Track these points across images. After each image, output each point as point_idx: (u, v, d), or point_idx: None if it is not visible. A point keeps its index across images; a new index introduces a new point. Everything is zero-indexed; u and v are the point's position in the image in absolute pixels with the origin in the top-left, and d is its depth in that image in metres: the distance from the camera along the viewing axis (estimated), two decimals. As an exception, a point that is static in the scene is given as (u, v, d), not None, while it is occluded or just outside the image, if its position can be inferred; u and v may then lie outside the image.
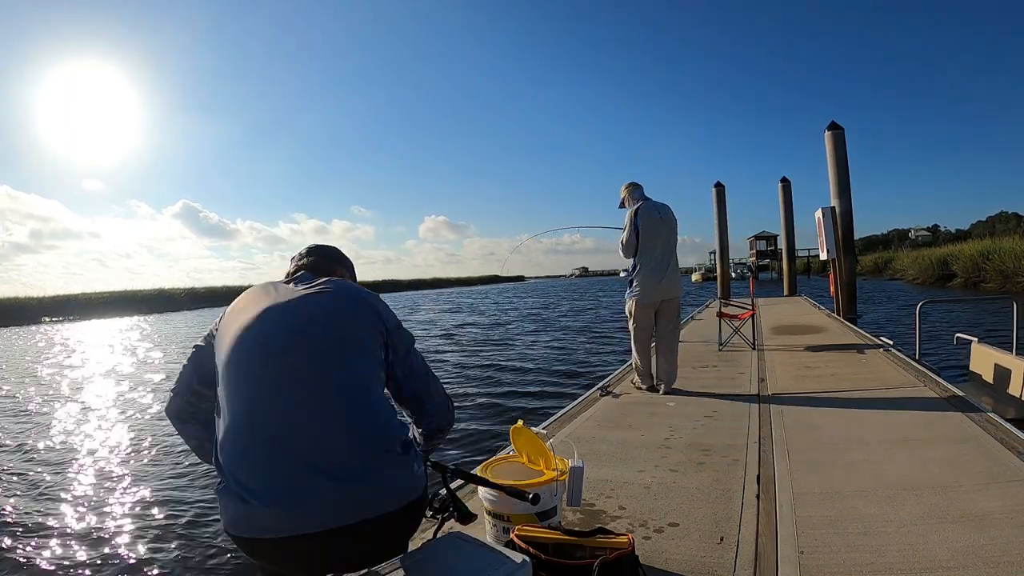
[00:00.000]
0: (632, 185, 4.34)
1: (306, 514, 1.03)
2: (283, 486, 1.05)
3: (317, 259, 1.46)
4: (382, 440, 1.13)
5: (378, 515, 1.07)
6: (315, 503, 1.04)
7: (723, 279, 16.25)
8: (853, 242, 9.92)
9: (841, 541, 1.80)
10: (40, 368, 12.25)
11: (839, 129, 9.72)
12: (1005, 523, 1.82)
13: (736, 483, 2.37)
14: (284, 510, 1.03)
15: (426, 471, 1.22)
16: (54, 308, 35.87)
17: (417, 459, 1.18)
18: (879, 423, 3.08)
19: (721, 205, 15.63)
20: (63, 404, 8.00)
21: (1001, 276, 18.39)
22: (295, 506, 1.03)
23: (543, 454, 1.93)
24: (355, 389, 1.16)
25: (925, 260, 25.44)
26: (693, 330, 8.26)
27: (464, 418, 6.02)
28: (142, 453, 5.35)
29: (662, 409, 3.72)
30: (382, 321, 1.28)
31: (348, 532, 1.05)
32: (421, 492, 1.16)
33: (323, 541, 1.04)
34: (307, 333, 1.18)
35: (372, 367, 1.23)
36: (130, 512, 3.96)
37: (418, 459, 1.19)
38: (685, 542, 1.88)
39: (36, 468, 5.06)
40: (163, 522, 3.75)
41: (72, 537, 3.59)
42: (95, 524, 3.77)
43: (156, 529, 3.66)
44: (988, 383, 4.79)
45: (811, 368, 4.83)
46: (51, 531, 3.67)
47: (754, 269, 42.25)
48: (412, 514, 1.17)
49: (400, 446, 1.14)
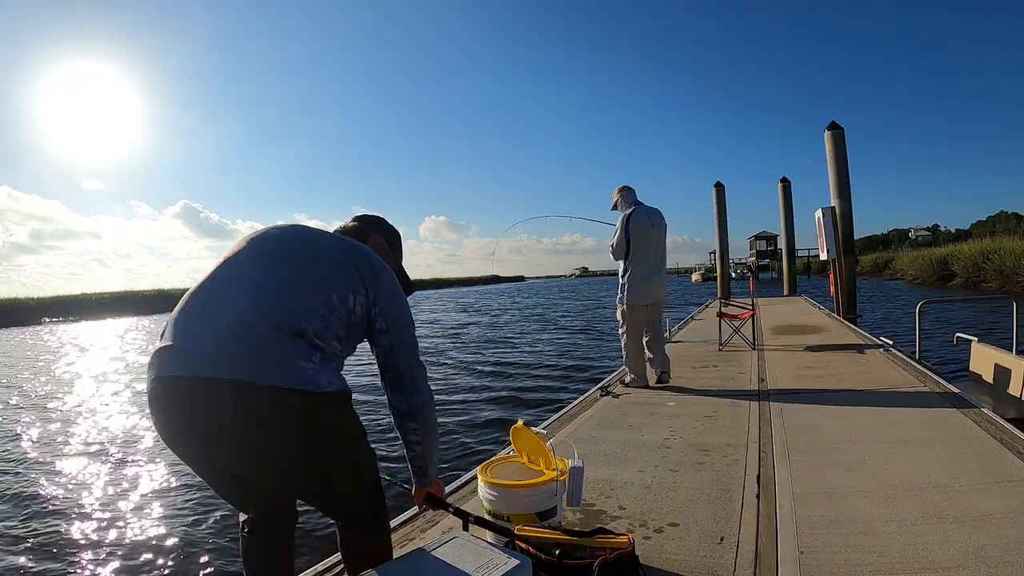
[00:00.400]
0: (625, 189, 4.42)
1: (190, 361, 1.16)
2: (185, 335, 1.21)
3: (357, 224, 1.62)
4: (285, 326, 1.19)
5: (236, 379, 1.12)
6: (199, 351, 1.16)
7: (723, 279, 16.26)
8: (853, 242, 9.91)
9: (841, 541, 1.80)
10: (51, 367, 12.26)
11: (839, 129, 9.72)
12: (1005, 523, 1.82)
13: (736, 483, 2.37)
14: (179, 357, 1.17)
15: (323, 379, 1.21)
16: (54, 309, 35.88)
17: (323, 368, 1.21)
18: (879, 423, 3.08)
19: (721, 205, 15.63)
20: (68, 404, 8.00)
21: (1001, 276, 18.38)
22: (186, 353, 1.17)
23: (543, 454, 1.93)
24: (288, 295, 1.25)
25: (925, 260, 25.42)
26: (693, 330, 8.26)
27: (465, 418, 6.02)
28: (142, 451, 5.36)
29: (662, 409, 3.73)
30: (364, 285, 1.34)
31: (217, 387, 1.12)
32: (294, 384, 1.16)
33: (194, 388, 1.13)
34: (288, 251, 1.34)
35: (321, 301, 1.27)
36: (130, 511, 3.97)
37: (319, 365, 1.21)
38: (685, 542, 1.88)
39: (36, 467, 5.07)
40: (163, 521, 3.76)
41: (73, 536, 3.59)
42: (95, 523, 3.78)
43: (156, 528, 3.66)
44: (988, 383, 4.79)
45: (811, 368, 4.83)
46: (51, 531, 3.68)
47: (754, 269, 42.26)
48: (279, 401, 1.15)
49: (303, 341, 1.20)
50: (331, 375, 1.24)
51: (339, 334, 1.29)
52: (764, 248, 51.51)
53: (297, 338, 1.20)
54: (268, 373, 1.14)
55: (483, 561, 1.22)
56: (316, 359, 1.21)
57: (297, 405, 1.16)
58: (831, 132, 9.74)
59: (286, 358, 1.17)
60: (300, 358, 1.19)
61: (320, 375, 1.20)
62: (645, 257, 4.26)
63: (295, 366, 1.17)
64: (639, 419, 3.50)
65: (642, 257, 4.25)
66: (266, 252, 1.35)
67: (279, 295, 1.24)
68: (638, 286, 4.25)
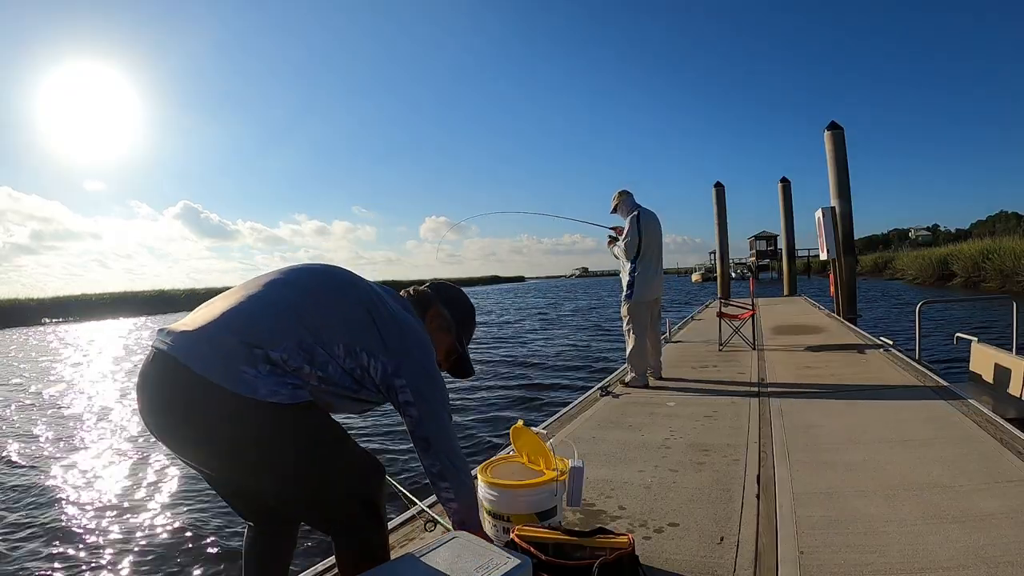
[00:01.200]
0: (625, 192, 4.63)
1: (167, 338, 1.23)
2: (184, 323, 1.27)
3: (428, 290, 1.61)
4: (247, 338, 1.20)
5: (181, 362, 1.18)
6: (176, 334, 1.23)
7: (723, 279, 16.25)
8: (853, 242, 9.91)
9: (841, 541, 1.80)
10: (56, 367, 12.25)
11: (839, 129, 9.72)
12: (1005, 523, 1.82)
13: (736, 483, 2.37)
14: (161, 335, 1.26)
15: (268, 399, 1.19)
16: (54, 309, 35.87)
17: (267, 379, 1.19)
18: (879, 423, 3.08)
19: (721, 205, 15.63)
20: (73, 402, 8.00)
21: (1001, 276, 18.38)
22: (168, 333, 1.24)
23: (543, 454, 1.93)
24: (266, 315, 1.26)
25: (925, 260, 25.42)
26: (693, 330, 8.26)
27: (466, 417, 6.02)
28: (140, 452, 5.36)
29: (662, 409, 3.73)
30: (385, 352, 1.34)
31: (171, 362, 1.19)
32: (225, 383, 1.16)
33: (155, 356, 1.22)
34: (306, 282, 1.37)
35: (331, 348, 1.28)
36: (129, 512, 3.97)
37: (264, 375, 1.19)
38: (685, 542, 1.88)
39: (37, 467, 5.07)
40: (164, 519, 3.76)
41: (72, 537, 3.59)
42: (95, 523, 3.78)
43: (157, 527, 3.67)
44: (988, 383, 4.78)
45: (811, 368, 4.83)
46: (52, 530, 3.68)
47: (754, 269, 42.27)
48: (210, 393, 1.16)
49: (258, 352, 1.19)
50: (278, 386, 1.20)
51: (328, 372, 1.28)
52: (764, 248, 51.51)
53: (253, 348, 1.19)
54: (207, 366, 1.17)
55: (483, 561, 1.22)
56: (264, 370, 1.19)
57: (225, 404, 1.16)
58: (831, 132, 9.74)
59: (231, 359, 1.18)
60: (245, 363, 1.18)
61: (260, 383, 1.18)
62: (652, 255, 4.52)
63: (236, 368, 1.17)
64: (639, 419, 3.50)
65: (650, 255, 4.51)
66: (291, 276, 1.38)
67: (261, 313, 1.26)
68: (647, 283, 4.47)
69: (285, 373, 1.22)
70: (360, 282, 1.44)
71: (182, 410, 1.20)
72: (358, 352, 1.31)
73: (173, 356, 1.19)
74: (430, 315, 1.56)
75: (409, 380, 1.36)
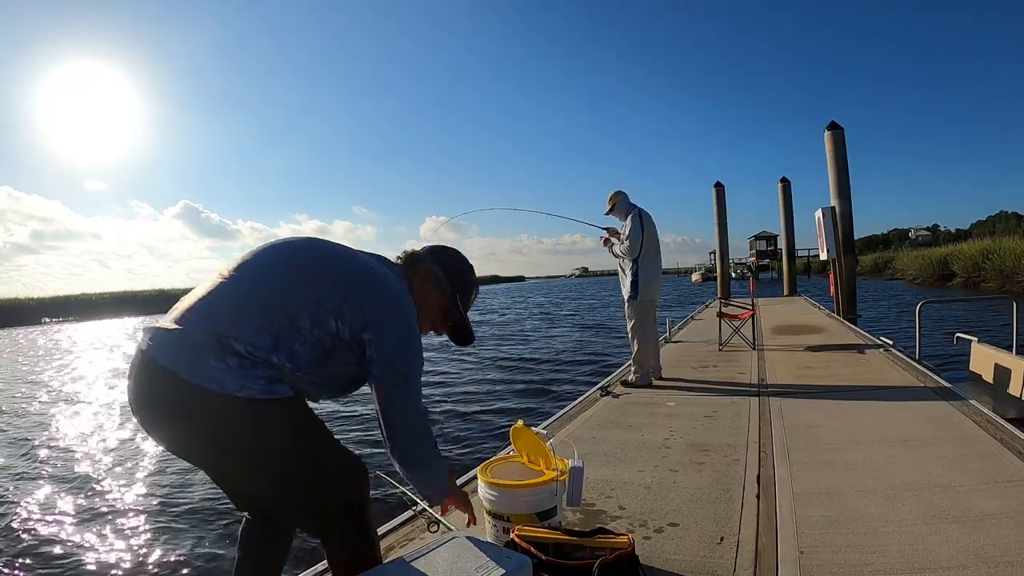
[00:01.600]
0: (621, 193, 4.63)
1: (152, 342, 1.22)
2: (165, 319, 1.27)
3: (419, 251, 1.53)
4: (212, 329, 1.19)
5: (155, 359, 1.18)
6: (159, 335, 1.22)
7: (723, 279, 16.25)
8: (853, 242, 9.91)
9: (841, 541, 1.80)
10: (51, 368, 12.24)
11: (839, 129, 9.72)
12: (1005, 523, 1.82)
13: (736, 483, 2.37)
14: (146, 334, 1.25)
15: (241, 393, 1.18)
16: (55, 309, 35.90)
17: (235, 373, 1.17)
18: (879, 423, 3.08)
19: (721, 205, 15.62)
20: (74, 402, 8.00)
21: (1001, 276, 18.36)
22: (152, 331, 1.24)
23: (543, 454, 1.93)
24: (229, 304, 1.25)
25: (925, 260, 25.40)
26: (693, 330, 8.26)
27: (466, 417, 6.02)
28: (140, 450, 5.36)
29: (662, 409, 3.73)
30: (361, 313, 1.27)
31: (149, 361, 1.19)
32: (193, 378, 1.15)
33: (138, 356, 1.22)
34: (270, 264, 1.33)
35: (267, 317, 1.23)
36: (129, 510, 3.97)
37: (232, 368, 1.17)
38: (685, 542, 1.88)
39: (38, 467, 5.07)
40: (162, 519, 3.76)
41: (73, 536, 3.59)
42: (94, 522, 3.78)
43: (156, 526, 3.66)
44: (988, 383, 4.78)
45: (811, 368, 4.83)
46: (51, 530, 3.68)
47: (754, 269, 42.26)
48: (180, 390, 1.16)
49: (225, 344, 1.18)
50: (248, 380, 1.17)
51: (294, 351, 1.23)
52: (764, 248, 51.49)
53: (220, 339, 1.18)
54: (177, 361, 1.17)
55: (483, 561, 1.22)
56: (232, 363, 1.17)
57: (193, 399, 1.16)
58: (831, 132, 9.74)
59: (199, 353, 1.17)
60: (213, 357, 1.16)
61: (229, 378, 1.15)
62: (653, 254, 4.54)
63: (204, 363, 1.16)
64: (639, 419, 3.50)
65: (651, 254, 4.53)
66: (264, 255, 1.35)
67: (226, 299, 1.26)
68: (649, 282, 4.49)
69: (254, 365, 1.19)
70: (343, 251, 1.38)
71: (159, 407, 1.21)
72: (324, 317, 1.24)
73: (149, 354, 1.20)
74: (420, 274, 1.47)
75: (375, 335, 1.28)
